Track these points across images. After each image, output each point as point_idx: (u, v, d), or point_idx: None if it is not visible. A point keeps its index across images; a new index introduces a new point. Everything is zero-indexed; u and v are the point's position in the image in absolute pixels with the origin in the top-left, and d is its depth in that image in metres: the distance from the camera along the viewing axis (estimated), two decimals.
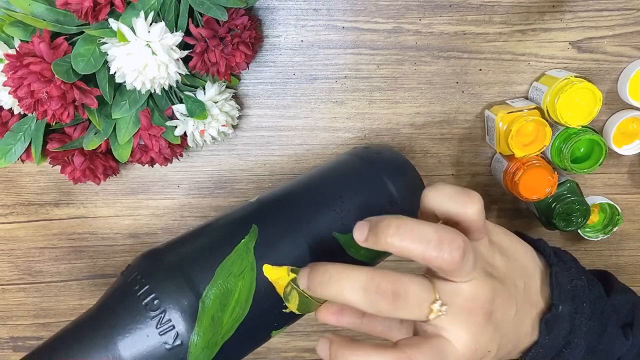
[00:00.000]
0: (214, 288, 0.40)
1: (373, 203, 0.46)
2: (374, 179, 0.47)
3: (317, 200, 0.46)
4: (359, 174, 0.48)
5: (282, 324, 0.44)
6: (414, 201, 0.48)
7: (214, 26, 0.44)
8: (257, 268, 0.41)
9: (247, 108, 0.53)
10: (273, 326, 0.43)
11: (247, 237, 0.42)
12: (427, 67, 0.52)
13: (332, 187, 0.47)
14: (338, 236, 0.44)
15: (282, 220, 0.44)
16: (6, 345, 0.62)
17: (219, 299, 0.40)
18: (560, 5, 0.50)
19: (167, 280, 0.40)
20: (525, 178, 0.50)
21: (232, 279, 0.41)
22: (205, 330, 0.39)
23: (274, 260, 0.42)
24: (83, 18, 0.40)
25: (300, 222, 0.44)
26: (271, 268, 0.42)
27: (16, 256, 0.59)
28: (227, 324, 0.40)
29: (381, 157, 0.49)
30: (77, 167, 0.48)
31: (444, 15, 0.50)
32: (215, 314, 0.39)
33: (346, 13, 0.50)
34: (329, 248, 0.44)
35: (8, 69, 0.40)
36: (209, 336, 0.39)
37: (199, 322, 0.39)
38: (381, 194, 0.46)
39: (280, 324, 0.43)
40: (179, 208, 0.57)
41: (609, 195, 0.57)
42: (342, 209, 0.45)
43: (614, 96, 0.53)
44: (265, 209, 0.45)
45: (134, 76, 0.42)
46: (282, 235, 0.44)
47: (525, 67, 0.52)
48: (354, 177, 0.48)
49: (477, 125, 0.54)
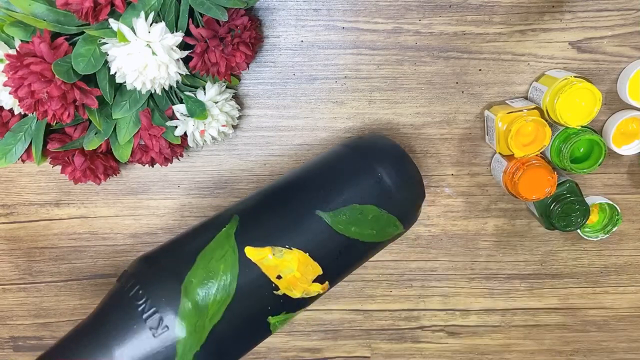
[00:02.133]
0: (196, 272, 0.40)
1: (364, 188, 0.46)
2: (365, 168, 0.47)
3: (300, 185, 0.46)
4: (349, 163, 0.48)
5: (278, 309, 0.43)
6: (410, 190, 0.48)
7: (214, 26, 0.44)
8: (239, 252, 0.41)
9: (247, 108, 0.53)
10: (267, 310, 0.42)
11: (228, 225, 0.43)
12: (427, 67, 0.52)
13: (315, 175, 0.47)
14: (322, 214, 0.44)
15: (264, 206, 0.45)
16: (6, 345, 0.62)
17: (201, 282, 0.40)
18: (559, 6, 0.50)
19: (152, 274, 0.41)
20: (525, 178, 0.50)
21: (213, 263, 0.41)
22: (189, 313, 0.39)
23: (256, 243, 0.42)
24: (83, 18, 0.40)
25: (282, 205, 0.45)
26: (253, 249, 0.42)
27: (16, 256, 0.59)
28: (212, 307, 0.39)
29: (373, 147, 0.49)
30: (77, 167, 0.48)
31: (443, 15, 0.50)
32: (199, 298, 0.39)
33: (346, 13, 0.50)
34: (314, 227, 0.44)
35: (8, 69, 0.40)
36: (194, 319, 0.39)
37: (182, 306, 0.39)
38: (373, 183, 0.47)
39: (275, 309, 0.43)
40: (179, 208, 0.57)
41: (608, 195, 0.57)
42: (325, 190, 0.46)
43: (613, 96, 0.53)
44: (247, 201, 0.46)
45: (134, 76, 0.42)
46: (263, 219, 0.44)
47: (524, 67, 0.52)
48: (342, 164, 0.48)
49: (476, 125, 0.54)
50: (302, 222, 0.44)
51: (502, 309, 0.62)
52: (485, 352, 0.64)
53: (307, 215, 0.44)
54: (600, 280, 0.61)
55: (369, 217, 0.45)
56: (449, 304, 0.61)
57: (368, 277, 0.60)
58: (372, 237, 0.47)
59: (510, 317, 0.62)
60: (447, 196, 0.57)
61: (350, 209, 0.45)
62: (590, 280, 0.61)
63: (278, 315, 0.43)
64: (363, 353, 0.63)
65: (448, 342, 0.63)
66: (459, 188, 0.57)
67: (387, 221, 0.47)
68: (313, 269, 0.44)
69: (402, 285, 0.60)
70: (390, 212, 0.47)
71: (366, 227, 0.46)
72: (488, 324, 0.63)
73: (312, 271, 0.44)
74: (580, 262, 0.60)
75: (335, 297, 0.61)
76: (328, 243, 0.44)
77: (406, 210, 0.48)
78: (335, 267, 0.46)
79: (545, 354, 0.64)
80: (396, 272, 0.60)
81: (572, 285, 0.61)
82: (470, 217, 0.58)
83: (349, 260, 0.47)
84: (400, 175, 0.48)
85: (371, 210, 0.45)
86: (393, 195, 0.46)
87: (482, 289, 0.61)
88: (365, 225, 0.45)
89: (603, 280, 0.61)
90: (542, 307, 0.62)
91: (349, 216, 0.45)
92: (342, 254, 0.46)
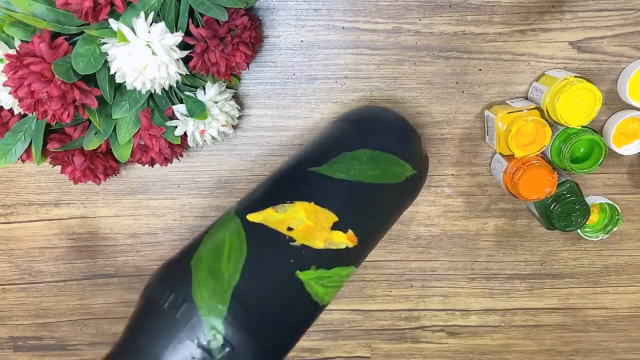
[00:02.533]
0: (204, 249, 0.39)
1: (352, 137, 0.46)
2: (351, 127, 0.47)
3: (293, 159, 0.46)
4: (336, 128, 0.48)
5: (305, 262, 0.40)
6: (399, 131, 0.48)
7: (214, 26, 0.44)
8: (241, 221, 0.40)
9: (247, 108, 0.53)
10: (291, 264, 0.39)
11: (230, 209, 0.42)
12: (427, 67, 0.52)
13: (309, 145, 0.47)
14: (316, 169, 0.43)
15: (260, 186, 0.44)
16: (6, 345, 0.62)
17: (211, 254, 0.38)
18: (560, 6, 0.50)
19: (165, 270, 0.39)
20: (525, 178, 0.50)
21: (218, 235, 0.40)
22: (204, 281, 0.37)
23: (256, 210, 0.41)
24: (83, 18, 0.40)
25: (274, 176, 0.44)
26: (254, 214, 0.40)
27: (16, 256, 0.59)
28: (227, 269, 0.37)
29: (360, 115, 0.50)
30: (77, 167, 0.48)
31: (443, 15, 0.50)
32: (212, 265, 0.38)
33: (346, 13, 0.50)
34: (311, 181, 0.43)
35: (8, 69, 0.40)
36: (212, 285, 0.37)
37: (194, 278, 0.37)
38: (359, 131, 0.46)
39: (301, 262, 0.39)
40: (179, 208, 0.57)
41: (608, 195, 0.57)
42: (313, 151, 0.45)
43: (613, 96, 0.53)
44: (246, 195, 0.45)
45: (134, 76, 0.42)
46: (260, 191, 0.43)
47: (525, 67, 0.52)
48: (330, 130, 0.48)
49: (477, 125, 0.54)
50: (297, 180, 0.43)
51: (503, 309, 0.62)
52: (485, 353, 0.64)
53: (301, 175, 0.43)
54: (600, 281, 0.61)
55: (365, 160, 0.44)
56: (449, 304, 0.61)
57: (368, 277, 0.60)
58: (378, 177, 0.44)
59: (511, 317, 0.62)
60: (447, 196, 0.57)
61: (342, 158, 0.44)
62: (591, 281, 0.61)
63: (308, 270, 0.40)
64: (363, 353, 0.63)
65: (448, 342, 0.63)
66: (459, 188, 0.57)
67: (388, 160, 0.45)
68: (325, 216, 0.41)
69: (402, 286, 0.60)
70: (385, 150, 0.45)
71: (367, 169, 0.44)
72: (488, 324, 0.62)
73: (325, 218, 0.41)
74: (581, 262, 0.60)
75: (335, 297, 0.61)
76: (331, 190, 0.42)
77: (403, 147, 0.47)
78: (350, 213, 0.43)
79: (546, 354, 0.64)
80: (396, 272, 0.60)
81: (572, 286, 0.61)
82: (470, 217, 0.58)
83: (364, 204, 0.44)
84: (384, 119, 0.48)
85: (364, 154, 0.44)
86: (382, 138, 0.46)
87: (482, 289, 0.61)
88: (365, 167, 0.44)
89: (603, 280, 0.61)
90: (543, 307, 0.62)
91: (343, 163, 0.43)
92: (352, 197, 0.43)
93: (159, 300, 0.37)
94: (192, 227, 0.57)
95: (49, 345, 0.62)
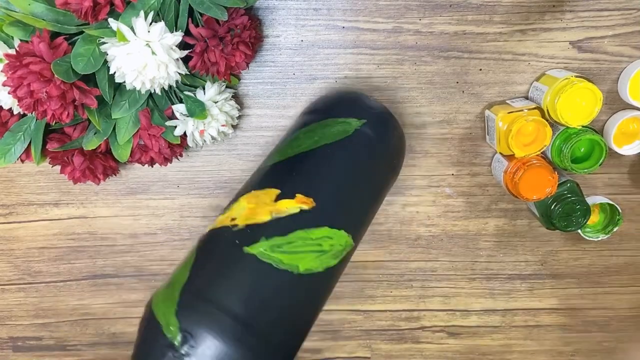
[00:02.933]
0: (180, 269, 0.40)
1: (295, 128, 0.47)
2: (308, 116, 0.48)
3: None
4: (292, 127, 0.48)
5: (250, 237, 0.39)
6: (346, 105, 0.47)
7: (213, 26, 0.44)
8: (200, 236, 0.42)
9: (247, 108, 0.53)
10: (236, 245, 0.39)
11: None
12: (427, 67, 0.52)
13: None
14: (261, 166, 0.45)
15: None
16: (6, 345, 0.62)
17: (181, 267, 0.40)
18: (560, 5, 0.50)
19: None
20: (526, 178, 0.50)
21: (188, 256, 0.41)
22: (160, 294, 0.38)
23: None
24: (83, 18, 0.40)
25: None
26: (209, 226, 0.42)
27: (16, 256, 0.59)
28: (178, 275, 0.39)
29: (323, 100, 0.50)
30: (76, 167, 0.48)
31: (444, 15, 0.50)
32: (168, 281, 0.39)
33: (346, 13, 0.50)
34: (252, 177, 0.44)
35: (8, 69, 0.40)
36: (165, 293, 0.38)
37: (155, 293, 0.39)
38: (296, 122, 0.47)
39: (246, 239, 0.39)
40: (178, 208, 0.57)
41: (609, 195, 0.57)
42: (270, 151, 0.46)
43: (614, 96, 0.53)
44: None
45: (133, 76, 0.42)
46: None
47: (525, 67, 0.52)
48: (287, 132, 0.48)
49: (477, 125, 0.54)
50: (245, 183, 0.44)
51: (503, 309, 0.62)
52: (486, 353, 0.64)
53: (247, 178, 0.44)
54: (601, 281, 0.61)
55: (301, 136, 0.45)
56: (449, 305, 0.61)
57: (368, 277, 0.60)
58: (316, 142, 0.44)
59: (511, 318, 0.62)
60: (447, 196, 0.57)
61: (281, 145, 0.45)
62: (591, 281, 0.61)
63: (257, 243, 0.38)
64: (363, 353, 0.63)
65: (449, 343, 0.63)
66: (460, 188, 0.57)
67: (324, 125, 0.45)
68: (266, 194, 0.41)
69: (402, 286, 0.60)
70: (320, 119, 0.46)
71: (303, 141, 0.44)
72: (489, 325, 0.62)
73: (266, 195, 0.41)
74: (581, 263, 0.60)
75: (335, 297, 0.61)
76: (270, 174, 0.43)
77: (339, 109, 0.47)
78: (293, 182, 0.42)
79: (546, 355, 0.64)
80: (396, 273, 0.60)
81: (572, 286, 0.61)
82: (470, 217, 0.58)
83: (307, 169, 0.43)
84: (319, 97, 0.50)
85: (301, 132, 0.45)
86: (317, 113, 0.47)
87: (482, 289, 0.61)
88: (301, 141, 0.44)
89: (604, 280, 0.61)
90: (543, 307, 0.62)
91: (281, 150, 0.45)
92: (293, 169, 0.42)
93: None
94: (191, 227, 0.57)
95: (48, 345, 0.62)
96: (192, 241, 0.58)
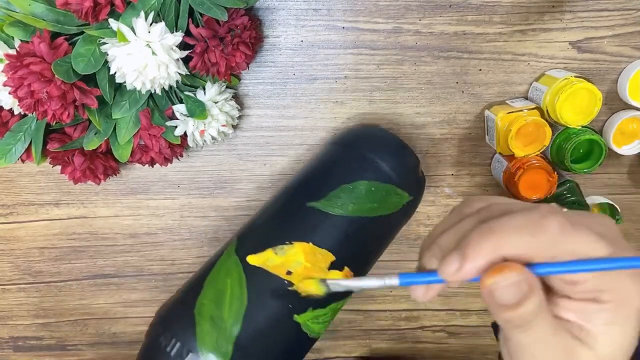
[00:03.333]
0: (206, 295, 0.41)
1: (349, 167, 0.46)
2: (348, 153, 0.47)
3: (290, 187, 0.47)
4: (333, 153, 0.48)
5: (302, 305, 0.41)
6: (396, 157, 0.47)
7: (214, 26, 0.44)
8: (242, 264, 0.41)
9: (247, 108, 0.53)
10: (289, 309, 0.41)
11: (229, 247, 0.44)
12: (427, 67, 0.52)
13: (299, 175, 0.48)
14: (314, 204, 0.44)
15: (259, 217, 0.46)
16: (6, 345, 0.62)
17: (213, 301, 0.40)
18: (560, 6, 0.50)
19: (169, 315, 0.42)
20: (525, 178, 0.50)
21: (220, 280, 0.41)
22: (207, 332, 0.39)
23: (256, 250, 0.42)
24: (83, 18, 0.40)
25: (273, 210, 0.45)
26: (254, 256, 0.41)
27: (16, 256, 0.59)
28: (229, 318, 0.39)
29: (355, 136, 0.49)
30: (77, 167, 0.48)
31: (444, 15, 0.50)
32: (214, 314, 0.40)
33: (346, 13, 0.50)
34: (310, 218, 0.43)
35: (8, 69, 0.40)
36: (214, 336, 0.39)
37: (198, 328, 0.39)
38: (356, 161, 0.46)
39: (298, 306, 0.41)
40: (179, 208, 0.57)
41: (608, 195, 0.57)
42: (312, 183, 0.46)
43: (613, 96, 0.53)
44: (245, 226, 0.47)
45: (134, 76, 0.42)
46: (259, 227, 0.44)
47: (525, 67, 0.52)
48: (326, 156, 0.48)
49: (477, 125, 0.54)
50: (296, 217, 0.43)
51: None
52: (486, 353, 0.64)
53: (300, 210, 0.44)
54: None
55: (363, 192, 0.45)
56: (449, 304, 0.61)
57: None
58: (375, 210, 0.45)
59: None
60: (447, 196, 0.57)
61: (340, 190, 0.44)
62: None
63: (305, 313, 0.42)
64: (363, 353, 0.63)
65: (448, 342, 0.63)
66: (459, 188, 0.57)
67: (385, 191, 0.45)
68: (324, 256, 0.42)
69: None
70: (383, 181, 0.45)
71: (365, 203, 0.44)
72: (489, 324, 0.62)
73: (323, 259, 0.42)
74: None
75: None
76: (329, 228, 0.43)
77: (400, 175, 0.47)
78: (348, 250, 0.44)
79: None
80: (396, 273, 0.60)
81: None
82: None
83: (361, 239, 0.45)
84: (381, 146, 0.47)
85: (362, 185, 0.45)
86: (379, 165, 0.46)
87: None
88: (363, 201, 0.44)
89: None
90: None
91: (341, 197, 0.44)
92: (350, 235, 0.44)
93: (166, 347, 0.40)
94: (192, 227, 0.57)
95: (49, 345, 0.62)
96: (192, 241, 0.58)
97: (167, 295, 0.60)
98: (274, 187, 0.56)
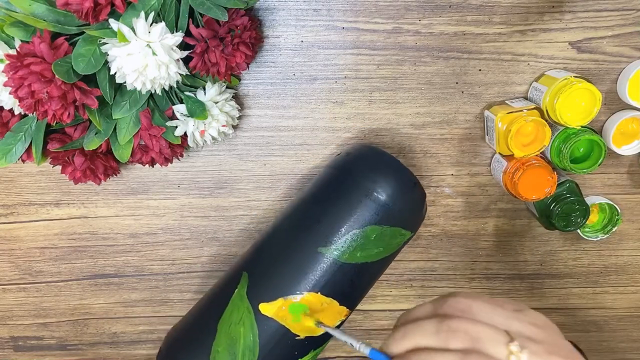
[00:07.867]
0: (220, 342, 0.43)
1: (360, 211, 0.46)
2: (355, 189, 0.46)
3: (298, 225, 0.47)
4: (340, 187, 0.47)
5: (305, 350, 0.45)
6: (407, 197, 0.47)
7: (214, 26, 0.44)
8: (253, 310, 0.44)
9: (247, 108, 0.53)
10: (295, 355, 0.45)
11: (239, 286, 0.45)
12: (427, 68, 0.52)
13: (310, 209, 0.48)
14: (324, 251, 0.45)
15: (268, 257, 0.46)
16: (6, 345, 0.62)
17: (227, 349, 0.43)
18: (559, 6, 0.50)
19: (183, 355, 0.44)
20: (525, 178, 0.50)
21: (233, 328, 0.43)
22: None
23: (268, 296, 0.44)
24: (83, 18, 0.40)
25: (285, 252, 0.46)
26: (267, 305, 0.44)
27: (17, 256, 0.59)
28: None
29: (359, 162, 0.48)
30: (77, 167, 0.48)
31: (443, 15, 0.50)
32: None
33: (346, 13, 0.50)
34: (320, 266, 0.45)
35: (9, 69, 0.40)
36: None
37: None
38: (367, 202, 0.46)
39: (302, 351, 0.45)
40: (179, 208, 0.57)
41: (608, 195, 0.57)
42: (323, 224, 0.46)
43: (613, 96, 0.53)
44: (251, 255, 0.48)
45: (134, 76, 0.42)
46: (270, 270, 0.45)
47: (524, 68, 0.52)
48: (334, 191, 0.47)
49: (476, 125, 0.54)
50: (307, 264, 0.45)
51: None
52: None
53: (310, 256, 0.45)
54: (600, 280, 0.61)
55: (372, 238, 0.45)
56: None
57: None
58: (380, 254, 0.47)
59: None
60: (447, 196, 0.57)
61: (351, 237, 0.45)
62: (590, 281, 0.61)
63: (306, 356, 0.45)
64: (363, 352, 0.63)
65: None
66: (459, 188, 0.57)
67: (392, 234, 0.46)
68: (329, 305, 0.45)
69: (402, 286, 0.60)
70: (393, 224, 0.46)
71: (372, 248, 0.46)
72: None
73: (329, 307, 0.45)
74: (580, 262, 0.60)
75: None
76: (337, 276, 0.45)
77: (407, 217, 0.48)
78: (350, 295, 0.47)
79: None
80: (396, 272, 0.60)
81: (571, 286, 0.61)
82: (470, 217, 0.58)
83: (363, 284, 0.48)
84: (393, 186, 0.46)
85: (373, 231, 0.45)
86: (391, 208, 0.46)
87: (482, 289, 0.61)
88: (371, 247, 0.46)
89: (603, 280, 0.61)
90: (542, 307, 0.62)
91: (351, 244, 0.45)
92: (354, 281, 0.46)
93: None
94: (192, 227, 0.57)
95: (49, 345, 0.62)
96: (193, 241, 0.58)
97: (167, 295, 0.60)
98: (274, 187, 0.56)
